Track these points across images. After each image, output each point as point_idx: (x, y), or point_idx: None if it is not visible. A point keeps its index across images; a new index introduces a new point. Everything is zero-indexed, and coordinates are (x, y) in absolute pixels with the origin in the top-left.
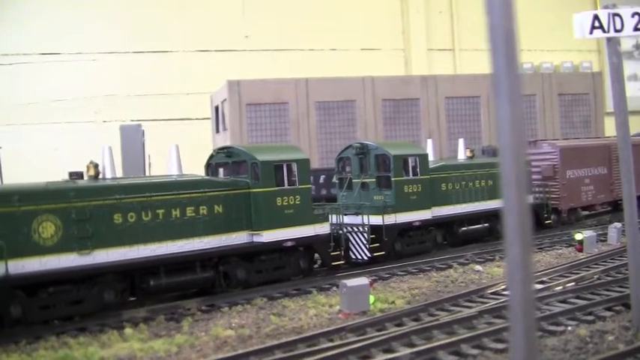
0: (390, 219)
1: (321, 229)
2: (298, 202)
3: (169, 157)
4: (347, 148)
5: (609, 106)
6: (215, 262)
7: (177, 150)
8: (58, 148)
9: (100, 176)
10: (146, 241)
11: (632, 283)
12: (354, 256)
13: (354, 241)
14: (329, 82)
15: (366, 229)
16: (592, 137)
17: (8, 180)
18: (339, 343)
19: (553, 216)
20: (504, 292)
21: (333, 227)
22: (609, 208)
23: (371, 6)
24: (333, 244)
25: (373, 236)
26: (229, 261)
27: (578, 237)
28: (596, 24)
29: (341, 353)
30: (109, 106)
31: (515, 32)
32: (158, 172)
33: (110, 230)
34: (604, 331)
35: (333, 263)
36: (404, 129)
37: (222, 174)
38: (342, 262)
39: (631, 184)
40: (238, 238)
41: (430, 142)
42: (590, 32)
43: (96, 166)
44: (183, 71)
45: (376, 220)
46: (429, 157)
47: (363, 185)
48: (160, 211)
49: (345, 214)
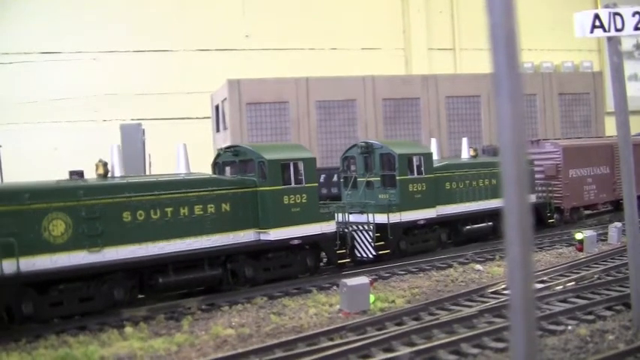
0: (395, 217)
1: (328, 228)
2: (305, 201)
3: (177, 156)
4: (352, 147)
5: (610, 105)
6: (223, 259)
7: (184, 149)
8: (58, 147)
9: (108, 175)
10: (155, 239)
11: (633, 282)
12: (360, 255)
13: (360, 240)
14: (329, 81)
15: (371, 228)
16: (594, 137)
17: (8, 179)
18: (339, 342)
19: (556, 215)
20: (505, 292)
21: (339, 225)
22: (611, 208)
23: (371, 5)
24: (339, 242)
25: (378, 234)
26: (237, 259)
27: (579, 236)
28: (597, 23)
29: (341, 352)
30: (109, 105)
31: (516, 31)
32: (158, 171)
33: (119, 228)
34: (604, 331)
35: (339, 261)
36: (404, 128)
37: (229, 173)
38: (349, 259)
39: (631, 184)
40: (246, 236)
41: (434, 142)
42: (591, 31)
43: (105, 164)
44: (184, 70)
45: (381, 218)
46: (434, 156)
47: (368, 184)
48: (169, 210)
49: (350, 213)
